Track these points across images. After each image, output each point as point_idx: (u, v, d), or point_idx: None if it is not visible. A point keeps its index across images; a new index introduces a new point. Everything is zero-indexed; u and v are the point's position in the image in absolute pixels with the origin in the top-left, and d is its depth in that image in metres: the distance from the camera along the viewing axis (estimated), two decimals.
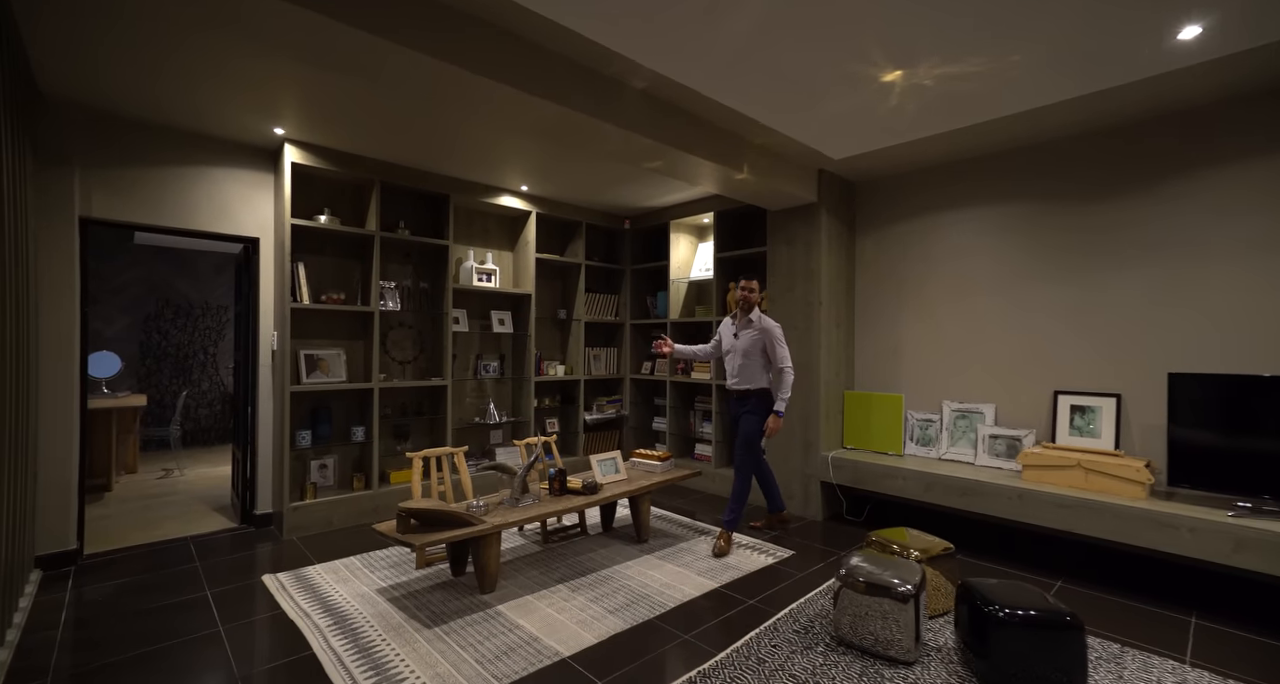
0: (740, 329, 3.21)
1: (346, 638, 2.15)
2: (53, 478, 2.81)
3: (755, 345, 3.16)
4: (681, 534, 3.40)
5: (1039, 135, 3.07)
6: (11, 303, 2.13)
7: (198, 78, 2.57)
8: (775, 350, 3.10)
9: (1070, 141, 3.07)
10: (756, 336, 3.16)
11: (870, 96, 2.56)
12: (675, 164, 3.00)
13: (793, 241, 3.88)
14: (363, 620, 2.29)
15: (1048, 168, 3.16)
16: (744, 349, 3.19)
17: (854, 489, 3.53)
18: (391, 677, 1.90)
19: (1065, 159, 3.10)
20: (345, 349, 3.70)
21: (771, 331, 3.13)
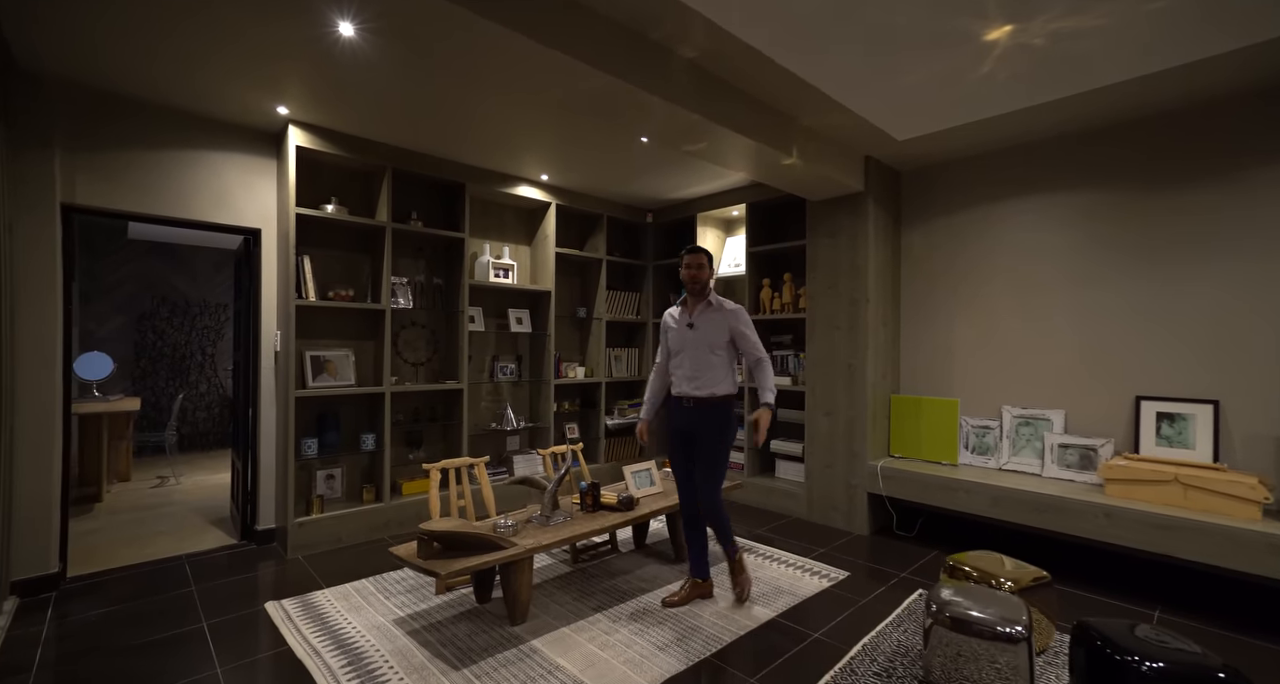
0: (695, 317, 2.48)
1: (363, 682, 1.87)
2: (32, 492, 2.53)
3: (719, 335, 2.43)
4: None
5: (1132, 111, 2.75)
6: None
7: (196, 48, 2.29)
8: (748, 337, 2.47)
9: (1162, 118, 2.77)
10: (720, 323, 2.44)
11: (962, 61, 2.24)
12: (719, 146, 2.73)
13: (835, 234, 3.61)
14: (380, 659, 2.01)
15: (1130, 150, 2.88)
16: (706, 341, 2.43)
17: (905, 502, 3.26)
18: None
19: (1154, 139, 2.81)
20: (354, 350, 3.42)
21: (739, 314, 2.46)
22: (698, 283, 2.46)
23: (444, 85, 2.56)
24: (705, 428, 2.42)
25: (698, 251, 2.48)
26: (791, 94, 2.62)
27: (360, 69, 2.41)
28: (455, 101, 2.73)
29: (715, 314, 2.47)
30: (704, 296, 2.48)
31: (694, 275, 2.46)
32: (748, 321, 2.48)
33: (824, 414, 3.66)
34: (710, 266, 2.49)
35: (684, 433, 2.49)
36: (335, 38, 2.16)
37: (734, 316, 2.45)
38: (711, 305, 2.48)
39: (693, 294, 2.50)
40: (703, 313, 2.48)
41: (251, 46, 2.27)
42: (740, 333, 2.46)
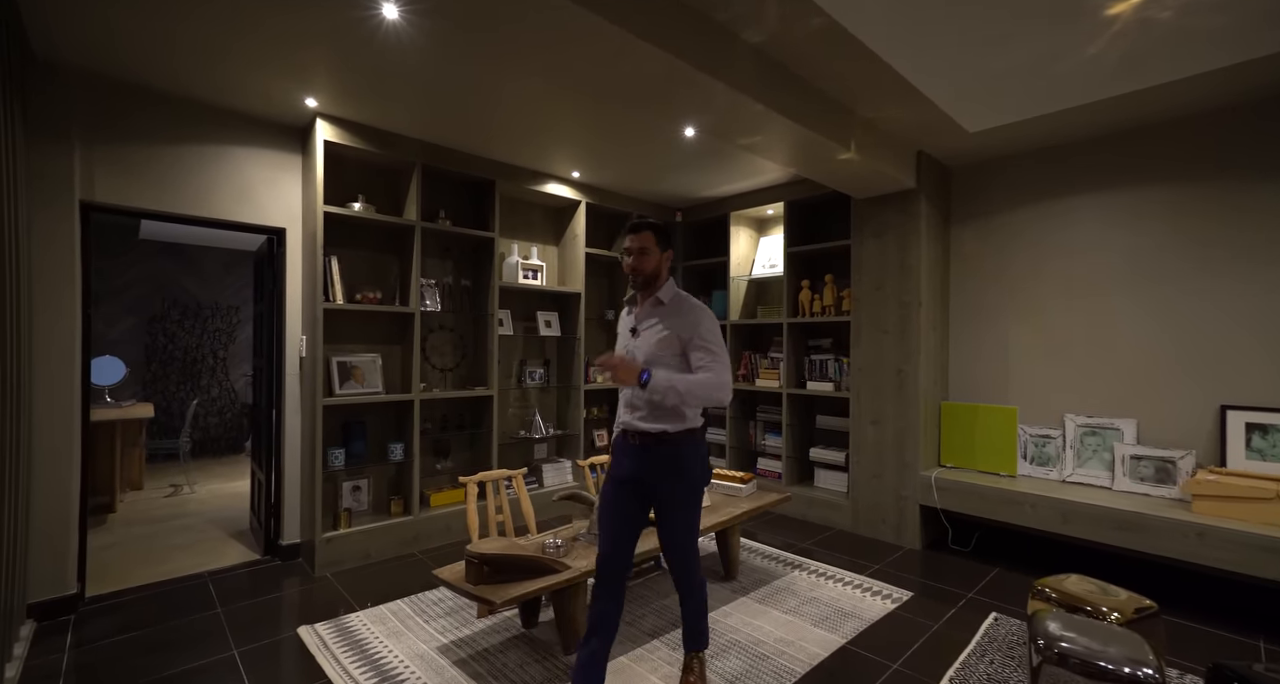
0: (641, 320, 1.79)
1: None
2: (50, 510, 2.38)
3: (667, 347, 1.70)
4: (770, 568, 2.97)
5: (1238, 96, 2.53)
6: None
7: (222, 35, 2.13)
8: (707, 351, 1.68)
9: (1272, 103, 2.55)
10: (669, 330, 1.71)
11: (1072, 39, 2.05)
12: (775, 139, 2.57)
13: (883, 233, 3.45)
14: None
15: (1230, 138, 2.67)
16: (649, 353, 1.72)
17: (962, 515, 3.10)
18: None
19: (1260, 124, 2.59)
20: (380, 355, 3.26)
21: (701, 318, 1.71)
22: (640, 274, 1.75)
23: (485, 73, 2.40)
24: (662, 475, 1.70)
25: (641, 229, 1.76)
26: (854, 83, 2.46)
27: (397, 56, 2.25)
28: (493, 91, 2.57)
29: (667, 317, 1.72)
30: (653, 290, 1.78)
31: (635, 265, 1.75)
32: (712, 329, 1.71)
33: (871, 422, 3.50)
34: (660, 249, 1.76)
35: (630, 481, 1.72)
36: (377, 22, 2.00)
37: (691, 321, 1.69)
38: (662, 305, 1.75)
39: (642, 289, 1.80)
40: (650, 314, 1.77)
41: (281, 32, 2.12)
42: (696, 346, 1.67)
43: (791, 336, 3.98)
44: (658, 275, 1.78)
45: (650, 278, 1.77)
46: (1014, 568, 2.95)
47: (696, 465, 1.76)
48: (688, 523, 1.78)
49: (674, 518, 1.77)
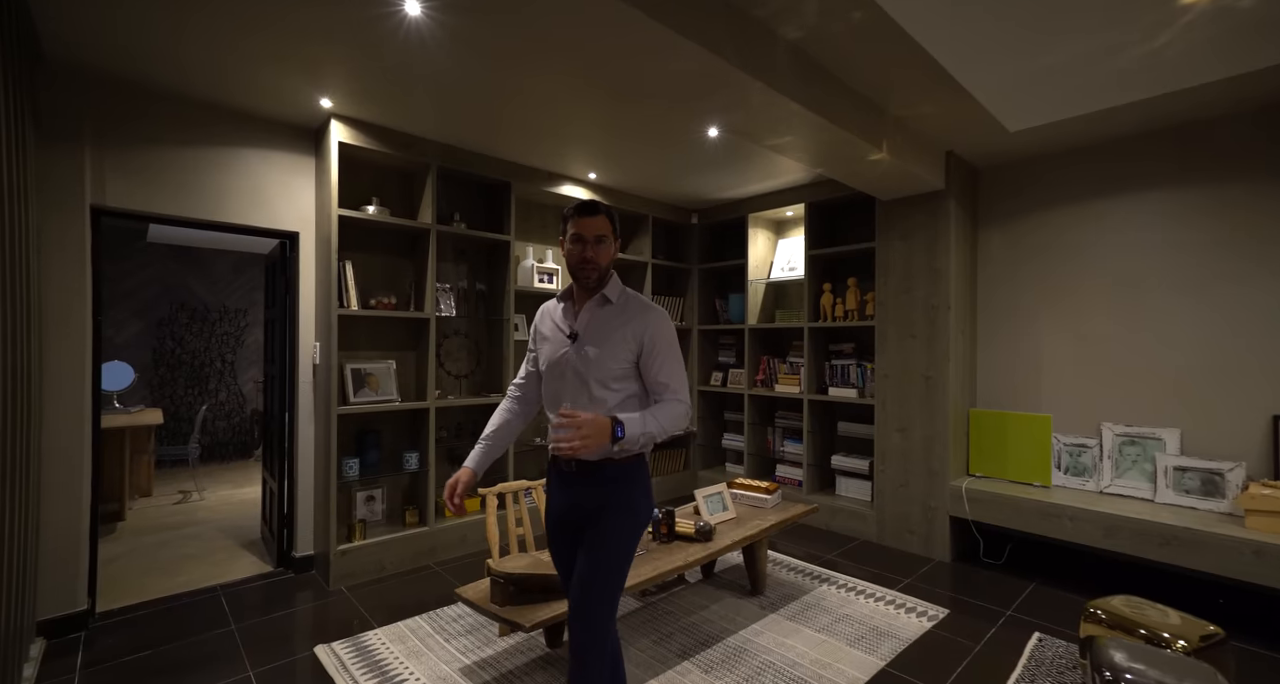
0: (583, 322, 1.48)
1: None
2: (60, 523, 2.31)
3: (618, 354, 1.42)
4: (797, 582, 2.88)
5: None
6: (9, 313, 1.62)
7: (236, 33, 2.06)
8: (665, 365, 1.42)
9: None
10: (622, 336, 1.43)
11: (1136, 32, 1.95)
12: (806, 139, 2.48)
13: (910, 236, 3.35)
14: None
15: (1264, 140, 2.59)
16: (594, 366, 1.43)
17: (994, 527, 3.00)
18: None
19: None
20: (395, 362, 3.18)
21: (660, 324, 1.44)
22: (590, 269, 1.43)
23: (508, 72, 2.32)
24: (601, 509, 1.42)
25: (592, 211, 1.44)
26: (889, 80, 2.36)
27: (418, 55, 2.17)
28: (514, 91, 2.48)
29: (616, 319, 1.44)
30: (598, 289, 1.47)
31: (590, 257, 1.43)
32: (672, 336, 1.46)
33: (897, 430, 3.40)
34: (614, 239, 1.47)
35: (566, 518, 1.48)
36: (399, 19, 1.92)
37: (649, 326, 1.42)
38: (611, 304, 1.47)
39: (582, 285, 1.47)
40: (595, 315, 1.47)
41: (297, 29, 2.04)
42: (653, 354, 1.41)
43: (812, 341, 3.89)
44: (607, 271, 1.47)
45: (600, 273, 1.45)
46: (1051, 583, 2.85)
47: (643, 499, 1.47)
48: (615, 559, 1.40)
49: (599, 549, 1.38)
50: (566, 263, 1.48)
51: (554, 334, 1.53)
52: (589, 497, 1.44)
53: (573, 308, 1.52)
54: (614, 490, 1.44)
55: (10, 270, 1.67)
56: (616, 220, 1.50)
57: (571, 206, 1.47)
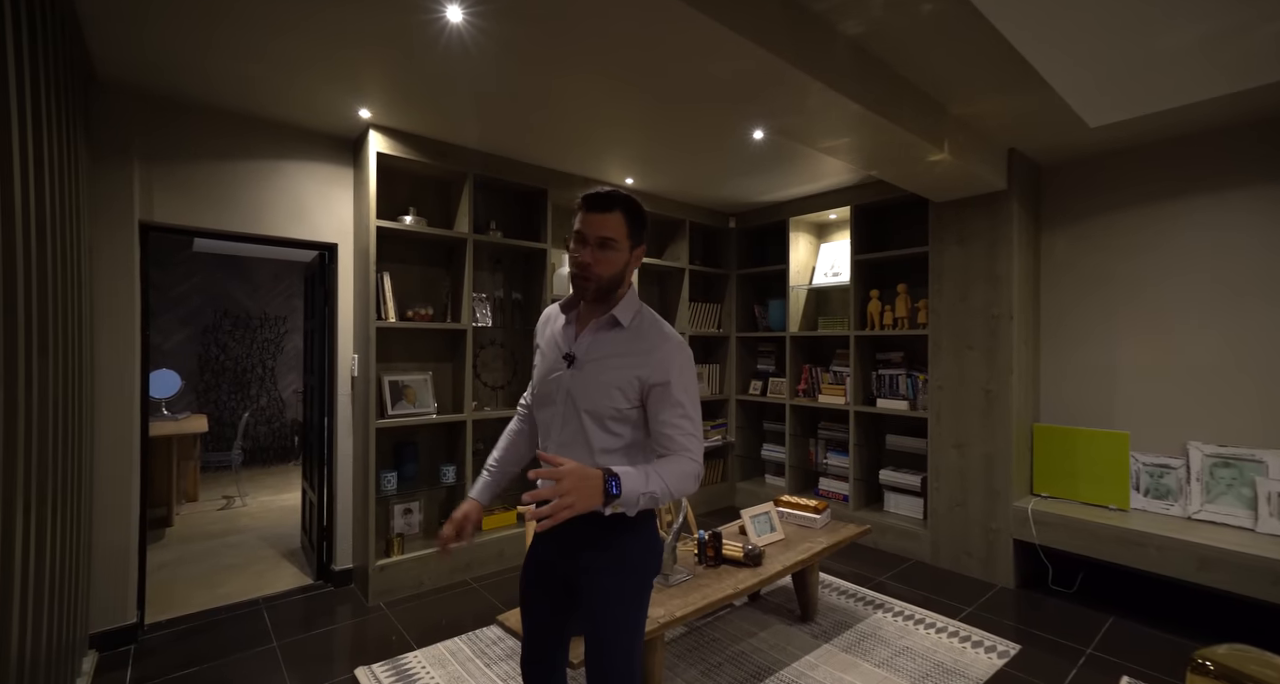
0: (583, 342, 1.23)
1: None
2: (110, 535, 2.33)
3: (622, 390, 1.17)
4: (849, 607, 2.72)
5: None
6: (60, 331, 1.61)
7: (279, 46, 2.03)
8: (673, 413, 1.17)
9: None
10: (629, 363, 1.18)
11: (1253, 14, 1.74)
12: (864, 140, 2.33)
13: (967, 239, 3.15)
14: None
15: None
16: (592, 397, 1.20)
17: (1065, 553, 2.78)
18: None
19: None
20: (431, 373, 3.15)
21: (675, 357, 1.18)
22: (596, 279, 1.17)
23: (551, 78, 2.23)
24: (595, 562, 1.19)
25: (610, 206, 1.16)
26: (953, 75, 2.20)
27: (459, 62, 2.11)
28: (557, 97, 2.41)
29: (623, 347, 1.19)
30: (607, 303, 1.22)
31: (590, 262, 1.16)
32: (690, 378, 1.20)
33: (953, 446, 3.21)
34: (631, 244, 1.19)
35: (550, 570, 1.26)
36: (440, 26, 1.86)
37: (662, 361, 1.16)
38: (619, 328, 1.20)
39: (585, 296, 1.21)
40: (599, 339, 1.21)
41: (338, 41, 2.00)
42: (663, 397, 1.16)
43: (859, 350, 3.71)
44: (618, 284, 1.19)
45: (607, 288, 1.17)
46: (1133, 617, 2.62)
47: (646, 551, 1.22)
48: (626, 631, 1.18)
49: (606, 622, 1.17)
50: (570, 263, 1.18)
51: (550, 350, 1.27)
52: (580, 547, 1.19)
53: (574, 323, 1.25)
54: (613, 544, 1.18)
55: (63, 285, 1.67)
56: (640, 222, 1.18)
57: (582, 195, 1.16)
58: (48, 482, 1.50)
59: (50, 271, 1.50)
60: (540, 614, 1.29)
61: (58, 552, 1.64)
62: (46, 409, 1.47)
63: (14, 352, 1.17)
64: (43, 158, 1.43)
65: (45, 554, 1.49)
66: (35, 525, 1.38)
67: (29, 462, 1.30)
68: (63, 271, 1.68)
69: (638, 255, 1.21)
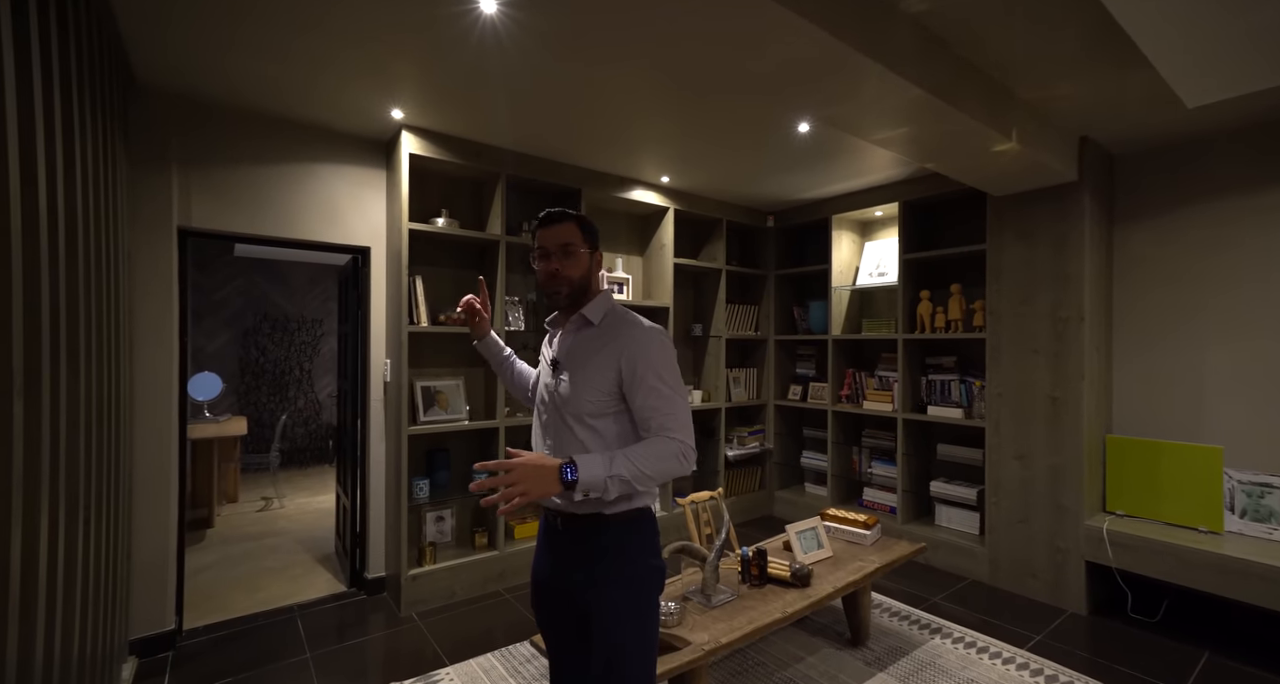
0: (562, 346, 1.29)
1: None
2: (150, 541, 2.33)
3: (595, 383, 1.19)
4: (903, 631, 2.54)
5: None
6: (94, 338, 1.59)
7: (314, 45, 1.98)
8: (650, 394, 1.16)
9: None
10: (602, 361, 1.19)
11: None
12: (924, 130, 2.15)
13: (1030, 236, 2.92)
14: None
15: None
16: (571, 398, 1.21)
17: (1147, 578, 2.53)
18: None
19: None
20: (464, 378, 3.09)
21: (650, 344, 1.18)
22: (565, 285, 1.22)
23: (591, 74, 2.13)
24: (592, 576, 1.18)
25: (561, 219, 1.24)
26: (1025, 54, 2.00)
27: (491, 58, 2.02)
28: (595, 93, 2.30)
29: (595, 342, 1.22)
30: (576, 308, 1.26)
31: (554, 271, 1.22)
32: (666, 359, 1.18)
33: (1014, 457, 2.98)
34: (589, 249, 1.25)
35: (551, 584, 1.26)
36: (474, 17, 1.77)
37: (632, 347, 1.17)
38: (590, 326, 1.24)
39: (555, 305, 1.28)
40: (575, 340, 1.26)
41: (372, 39, 1.94)
42: (636, 380, 1.15)
43: (907, 354, 3.50)
44: (587, 287, 1.25)
45: (578, 290, 1.24)
46: (1231, 654, 2.36)
47: (646, 563, 1.20)
48: (639, 645, 1.17)
49: (610, 643, 1.14)
50: (538, 283, 1.32)
51: (544, 362, 1.35)
52: (577, 563, 1.20)
53: (557, 333, 1.34)
54: (612, 561, 1.17)
55: (98, 291, 1.65)
56: (591, 229, 1.28)
57: (540, 216, 1.27)
58: (79, 490, 1.47)
59: (82, 278, 1.47)
60: (556, 635, 1.28)
61: (92, 559, 1.61)
62: (77, 417, 1.44)
63: (38, 359, 1.13)
64: (75, 162, 1.40)
65: (77, 563, 1.46)
66: (65, 534, 1.34)
67: (55, 471, 1.26)
68: (97, 277, 1.66)
69: (598, 259, 1.30)
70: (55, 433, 1.25)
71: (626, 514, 1.20)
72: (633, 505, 1.21)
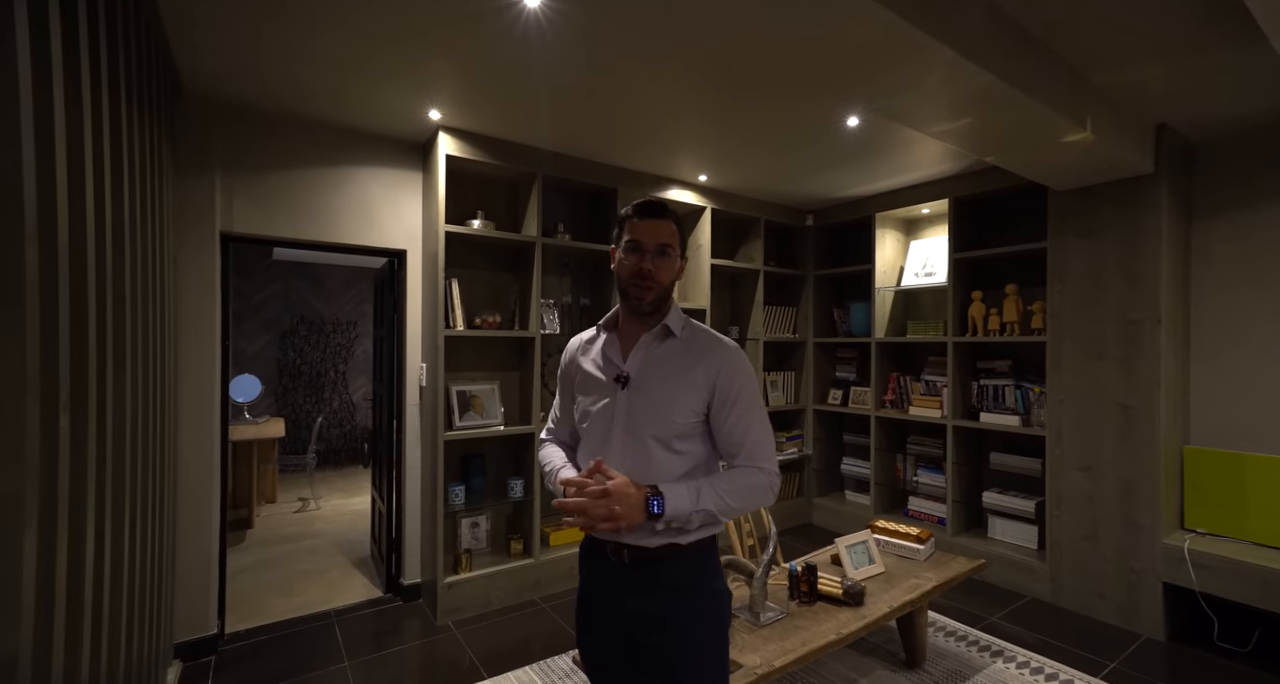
0: (637, 359, 1.13)
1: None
2: (193, 548, 2.34)
3: (690, 403, 1.09)
4: (962, 653, 2.39)
5: None
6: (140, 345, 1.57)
7: (357, 49, 1.95)
8: (741, 419, 1.09)
9: None
10: (692, 378, 1.09)
11: None
12: (992, 119, 2.01)
13: (1096, 233, 2.74)
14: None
15: None
16: (656, 417, 1.09)
17: (1229, 601, 2.33)
18: None
19: None
20: (499, 382, 3.04)
21: (737, 361, 1.11)
22: (647, 287, 1.10)
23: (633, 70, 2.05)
24: (669, 617, 1.08)
25: (658, 212, 1.12)
26: (1105, 34, 1.85)
27: (534, 54, 1.96)
28: (637, 90, 2.23)
29: (681, 358, 1.11)
30: (656, 316, 1.14)
31: (642, 270, 1.09)
32: (754, 383, 1.13)
33: (1079, 468, 2.79)
34: (680, 256, 1.15)
35: (619, 632, 1.12)
36: (515, 12, 1.71)
37: (725, 366, 1.09)
38: (674, 338, 1.14)
39: (634, 308, 1.14)
40: (653, 353, 1.13)
41: (411, 37, 1.89)
42: (730, 403, 1.09)
43: (957, 358, 3.33)
44: (671, 292, 1.15)
45: (666, 295, 1.13)
46: None
47: (716, 589, 1.13)
48: (719, 679, 1.10)
49: (697, 675, 1.07)
50: (617, 278, 1.14)
51: (593, 377, 1.17)
52: (649, 606, 1.09)
53: (616, 340, 1.18)
54: (686, 599, 1.09)
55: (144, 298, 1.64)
56: (685, 233, 1.17)
57: (630, 206, 1.13)
58: (125, 497, 1.46)
59: (130, 284, 1.45)
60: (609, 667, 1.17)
61: (138, 565, 1.60)
62: (124, 425, 1.42)
63: (85, 370, 1.10)
64: (123, 165, 1.38)
65: (124, 569, 1.44)
66: (112, 542, 1.32)
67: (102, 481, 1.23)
68: (144, 284, 1.65)
69: (683, 267, 1.18)
70: (102, 443, 1.23)
71: (701, 543, 1.11)
72: (707, 533, 1.12)
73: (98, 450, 1.19)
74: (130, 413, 1.48)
